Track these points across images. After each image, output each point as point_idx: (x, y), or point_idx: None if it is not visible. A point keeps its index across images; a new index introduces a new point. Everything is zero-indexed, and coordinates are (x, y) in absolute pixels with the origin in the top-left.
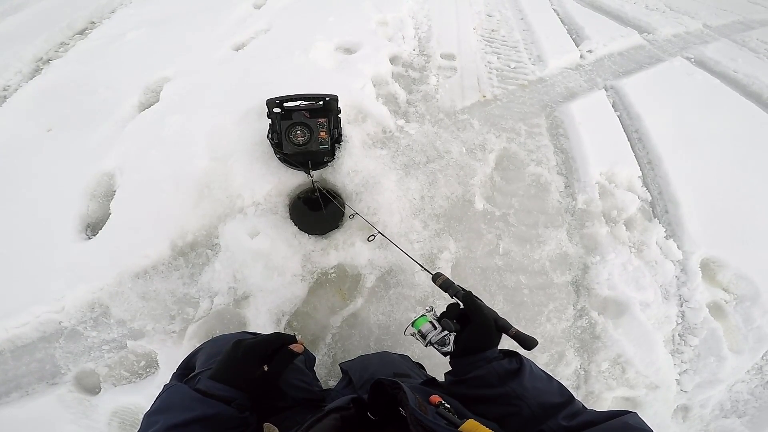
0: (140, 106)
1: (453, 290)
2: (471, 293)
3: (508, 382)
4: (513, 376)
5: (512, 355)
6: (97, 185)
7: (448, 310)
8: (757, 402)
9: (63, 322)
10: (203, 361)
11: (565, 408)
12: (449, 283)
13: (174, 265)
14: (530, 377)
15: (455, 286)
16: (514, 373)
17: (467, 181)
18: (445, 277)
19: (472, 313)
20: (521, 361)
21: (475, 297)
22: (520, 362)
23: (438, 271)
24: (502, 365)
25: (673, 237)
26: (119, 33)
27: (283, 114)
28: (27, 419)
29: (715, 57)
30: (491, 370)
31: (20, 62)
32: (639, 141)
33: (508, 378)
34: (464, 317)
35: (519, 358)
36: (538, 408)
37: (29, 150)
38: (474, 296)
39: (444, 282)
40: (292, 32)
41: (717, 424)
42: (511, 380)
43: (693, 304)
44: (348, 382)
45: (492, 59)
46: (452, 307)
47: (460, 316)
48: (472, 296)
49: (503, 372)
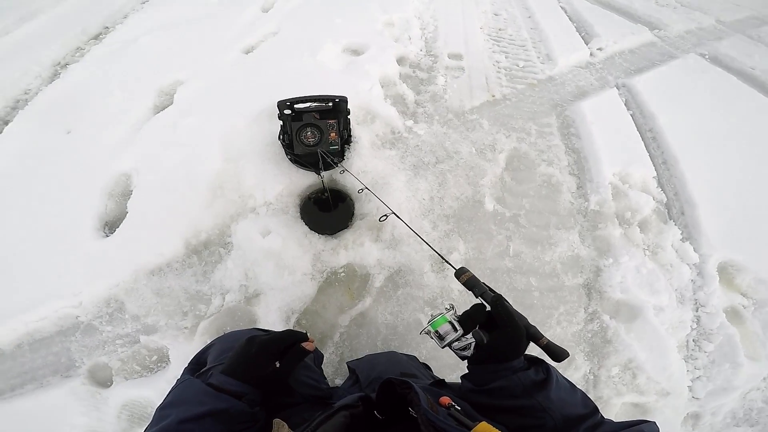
0: (155, 109)
1: (479, 290)
2: (501, 297)
3: (533, 394)
4: (539, 387)
5: (537, 362)
6: (115, 185)
7: (473, 312)
8: None
9: (80, 317)
10: (215, 356)
11: (587, 420)
12: (475, 281)
13: (187, 262)
14: (557, 388)
15: (481, 285)
16: (540, 384)
17: (477, 181)
18: (470, 274)
19: (503, 321)
20: (548, 371)
21: (505, 301)
22: (546, 372)
23: (462, 266)
24: (528, 376)
25: (690, 239)
26: (133, 37)
27: (293, 115)
28: (39, 410)
29: (730, 53)
30: (516, 381)
31: (39, 67)
32: (653, 140)
33: (534, 389)
34: (491, 321)
35: (546, 367)
36: (561, 420)
37: (50, 151)
38: (504, 301)
39: (469, 280)
40: (300, 34)
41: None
42: (537, 392)
43: (709, 309)
44: (355, 381)
45: (500, 58)
46: (478, 308)
47: (486, 321)
48: (503, 300)
49: (529, 383)
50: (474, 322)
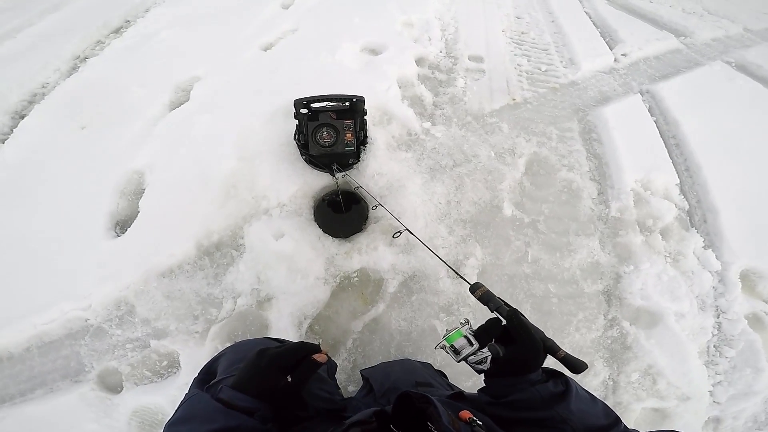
0: (171, 105)
1: (494, 304)
2: (518, 311)
3: (553, 406)
4: (559, 399)
5: (556, 375)
6: (127, 183)
7: (489, 326)
8: None
9: (89, 320)
10: (225, 367)
11: (610, 430)
12: (490, 296)
13: (199, 264)
14: (576, 400)
15: (496, 300)
16: (559, 397)
17: (495, 186)
18: (485, 289)
19: (519, 335)
20: (567, 383)
21: (521, 316)
22: (566, 384)
23: (477, 282)
24: (547, 388)
25: (712, 247)
26: (153, 32)
27: (310, 115)
28: (49, 416)
29: (756, 61)
30: (535, 394)
31: (59, 60)
32: (676, 147)
33: (553, 401)
34: (507, 336)
35: (564, 379)
36: (583, 431)
37: (64, 147)
38: (521, 315)
39: (484, 294)
40: (319, 33)
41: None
42: (557, 404)
43: (730, 316)
44: (369, 390)
45: (522, 62)
46: (493, 322)
47: (502, 335)
48: (519, 315)
49: (548, 395)
50: (490, 336)
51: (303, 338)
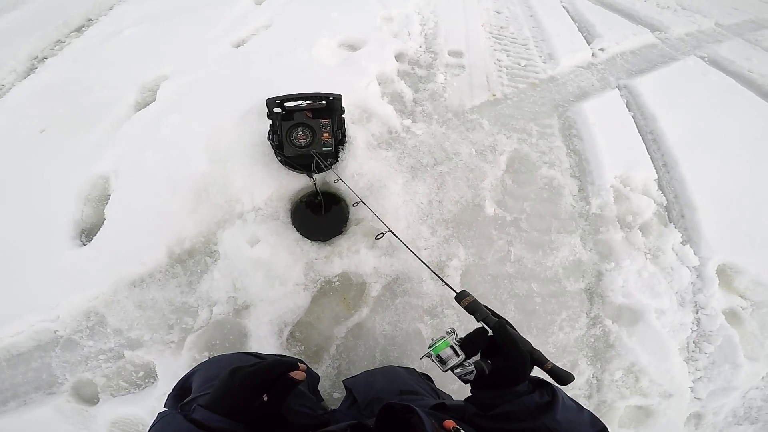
0: (137, 106)
1: (481, 314)
2: (504, 323)
3: (539, 417)
4: (545, 410)
5: (543, 385)
6: (92, 189)
7: (475, 337)
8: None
9: (58, 331)
10: (200, 383)
11: None
12: (476, 306)
13: (171, 272)
14: (563, 410)
15: (483, 310)
16: (546, 407)
17: (477, 184)
18: (472, 298)
19: (506, 347)
20: (553, 393)
21: (508, 327)
22: (552, 394)
23: (464, 290)
24: (533, 399)
25: (690, 242)
26: (116, 30)
27: (284, 114)
28: (25, 429)
29: (729, 56)
30: (522, 405)
31: (15, 60)
32: (654, 142)
33: (539, 413)
34: (493, 346)
35: (551, 389)
36: None
37: (22, 152)
38: (508, 326)
39: (471, 304)
40: (295, 28)
41: (730, 431)
42: (543, 415)
43: (709, 311)
44: (353, 402)
45: (501, 57)
46: (480, 333)
47: (489, 345)
48: (506, 327)
49: (534, 407)
50: (476, 347)
51: (284, 346)
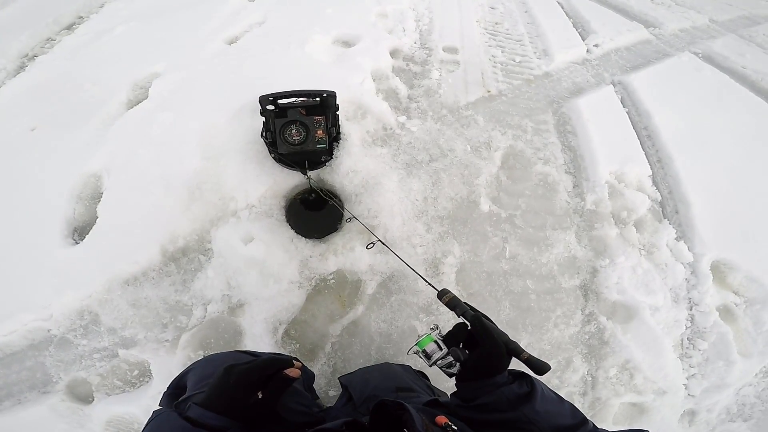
0: (128, 104)
1: (460, 309)
2: (480, 315)
3: (519, 407)
4: (524, 400)
5: (522, 377)
6: (84, 187)
7: (456, 331)
8: (764, 405)
9: (52, 330)
10: (195, 382)
11: (577, 430)
12: (456, 302)
13: (165, 271)
14: (542, 401)
15: (462, 305)
16: (525, 398)
17: (472, 180)
18: (452, 295)
19: (481, 338)
20: (532, 384)
21: (484, 319)
22: (531, 385)
23: (444, 288)
24: (512, 390)
25: (684, 239)
26: (108, 27)
27: (277, 111)
28: (20, 427)
29: (723, 52)
30: (501, 396)
31: (4, 59)
32: (648, 138)
33: (518, 403)
34: (473, 339)
35: (530, 380)
36: (550, 431)
37: (12, 150)
38: (483, 318)
39: (451, 300)
40: (288, 25)
41: (723, 428)
42: (522, 405)
43: (703, 308)
44: (348, 399)
45: (496, 53)
46: (460, 327)
47: (468, 338)
48: (482, 319)
49: (513, 397)
50: (457, 340)
51: (279, 344)
